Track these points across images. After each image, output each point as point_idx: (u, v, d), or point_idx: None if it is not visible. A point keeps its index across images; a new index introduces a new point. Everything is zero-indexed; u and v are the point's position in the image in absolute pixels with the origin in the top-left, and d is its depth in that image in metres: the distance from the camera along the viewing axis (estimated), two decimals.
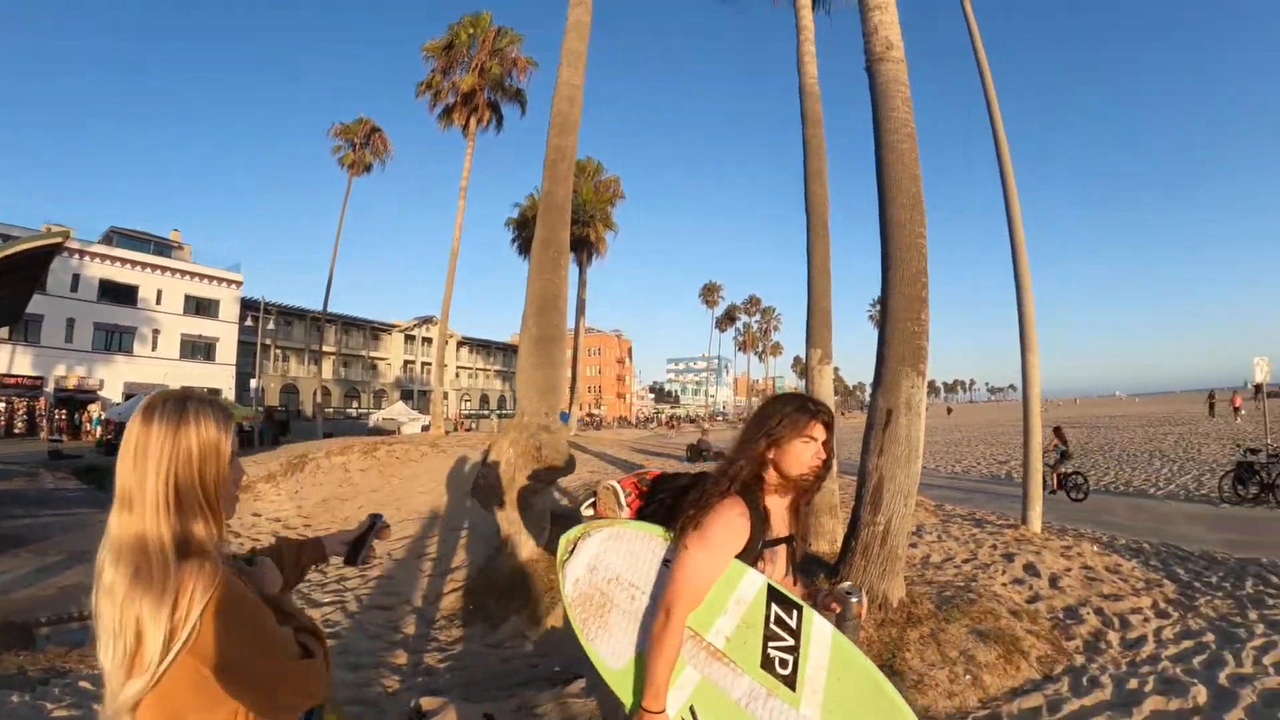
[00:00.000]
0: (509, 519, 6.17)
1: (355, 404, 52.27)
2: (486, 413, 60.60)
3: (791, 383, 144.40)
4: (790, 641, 1.46)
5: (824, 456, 1.60)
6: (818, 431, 1.59)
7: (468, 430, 37.86)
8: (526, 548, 6.20)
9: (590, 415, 68.82)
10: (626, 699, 1.51)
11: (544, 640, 5.35)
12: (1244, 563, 6.44)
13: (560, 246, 6.59)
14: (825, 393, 6.39)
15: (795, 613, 1.49)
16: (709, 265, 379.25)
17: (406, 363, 59.14)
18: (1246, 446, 11.66)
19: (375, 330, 56.56)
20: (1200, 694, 3.65)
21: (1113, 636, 4.64)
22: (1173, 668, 4.04)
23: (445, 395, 57.04)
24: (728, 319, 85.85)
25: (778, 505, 1.63)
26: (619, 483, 1.81)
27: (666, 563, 1.56)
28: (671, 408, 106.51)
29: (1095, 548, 6.91)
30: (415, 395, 54.87)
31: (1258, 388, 13.17)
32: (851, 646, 1.49)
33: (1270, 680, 3.83)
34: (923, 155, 5.00)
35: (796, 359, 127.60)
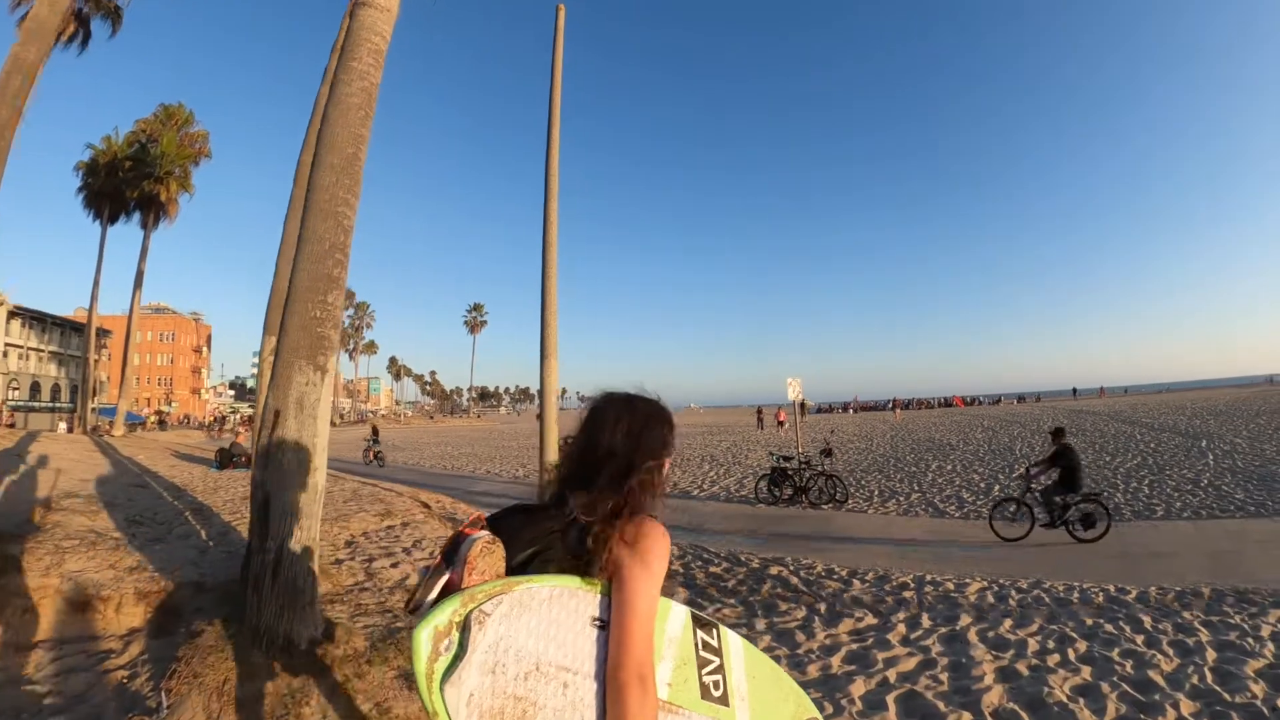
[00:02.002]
0: None
1: None
2: (37, 404, 49.14)
3: (386, 384, 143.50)
4: (717, 661, 1.34)
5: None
6: None
7: (9, 426, 28.20)
8: None
9: (159, 413, 60.65)
10: None
11: None
12: (767, 563, 6.47)
13: None
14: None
15: (714, 632, 1.37)
16: None
17: None
18: (780, 454, 12.90)
19: None
20: None
21: None
22: None
23: None
24: None
25: None
26: (478, 529, 1.17)
27: (598, 621, 1.11)
28: (251, 406, 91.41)
29: None
30: None
31: (803, 404, 15.92)
32: (749, 644, 1.46)
33: None
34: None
35: (392, 359, 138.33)
